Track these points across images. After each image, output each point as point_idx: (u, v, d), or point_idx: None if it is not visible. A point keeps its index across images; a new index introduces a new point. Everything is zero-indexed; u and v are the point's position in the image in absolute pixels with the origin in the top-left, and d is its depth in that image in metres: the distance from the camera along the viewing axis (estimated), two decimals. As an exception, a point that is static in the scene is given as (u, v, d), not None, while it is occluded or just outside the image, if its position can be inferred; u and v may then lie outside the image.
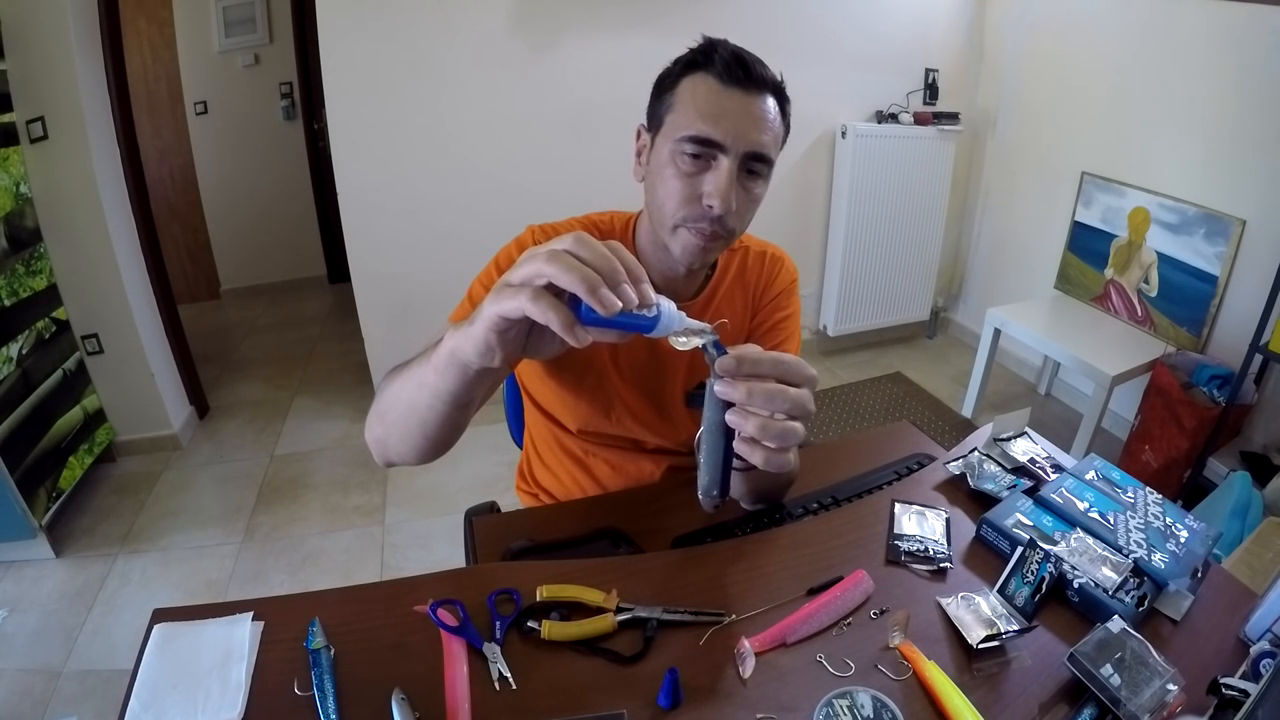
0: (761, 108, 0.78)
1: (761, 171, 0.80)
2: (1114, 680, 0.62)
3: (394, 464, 0.78)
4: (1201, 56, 2.16)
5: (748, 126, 0.76)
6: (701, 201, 0.77)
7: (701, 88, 0.77)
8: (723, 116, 0.76)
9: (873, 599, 0.74)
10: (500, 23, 2.26)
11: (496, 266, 0.89)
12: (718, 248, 0.83)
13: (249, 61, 3.43)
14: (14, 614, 1.78)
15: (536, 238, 0.90)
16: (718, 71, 0.77)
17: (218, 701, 0.62)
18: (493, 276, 0.87)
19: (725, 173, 0.76)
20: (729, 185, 0.76)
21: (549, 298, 0.51)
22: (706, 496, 0.64)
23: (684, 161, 0.78)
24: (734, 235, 0.83)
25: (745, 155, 0.77)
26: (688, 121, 0.77)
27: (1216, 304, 2.19)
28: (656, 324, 0.55)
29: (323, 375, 3.01)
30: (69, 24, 1.91)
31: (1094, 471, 0.91)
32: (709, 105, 0.76)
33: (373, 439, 0.77)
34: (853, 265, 2.95)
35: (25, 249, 1.95)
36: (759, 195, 0.82)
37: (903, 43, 2.80)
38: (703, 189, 0.77)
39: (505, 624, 0.69)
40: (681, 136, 0.77)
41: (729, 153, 0.76)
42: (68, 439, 2.07)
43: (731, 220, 0.79)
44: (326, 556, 2.02)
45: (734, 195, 0.77)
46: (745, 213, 0.81)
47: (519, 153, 2.43)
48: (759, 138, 0.77)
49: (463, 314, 0.85)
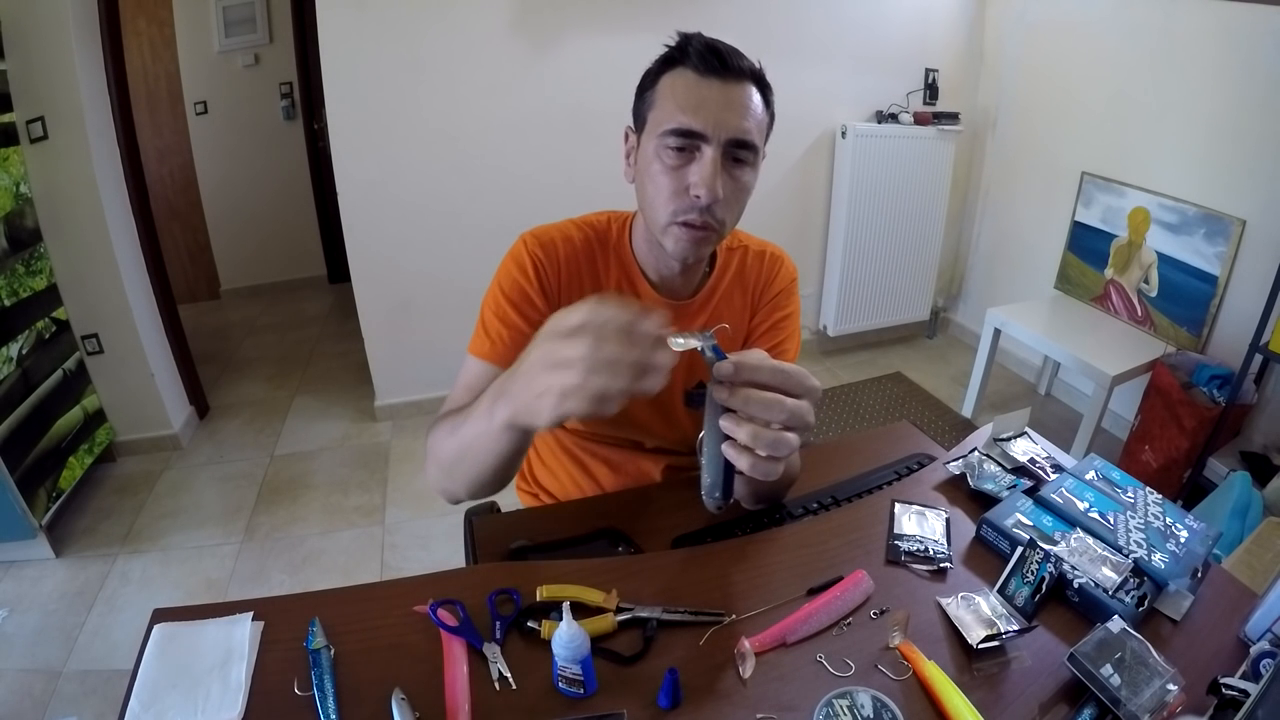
0: (741, 95, 0.78)
1: (747, 159, 0.80)
2: (1114, 680, 0.62)
3: (463, 501, 0.82)
4: (1201, 56, 2.16)
5: (728, 114, 0.77)
6: (689, 193, 0.78)
7: (680, 81, 0.78)
8: (701, 106, 0.76)
9: (873, 599, 0.74)
10: (500, 22, 2.26)
11: (501, 290, 0.89)
12: (710, 240, 0.83)
13: (249, 61, 3.43)
14: (14, 614, 1.78)
15: (530, 249, 0.90)
16: (694, 64, 0.77)
17: (218, 701, 0.62)
18: (499, 302, 0.88)
19: (709, 161, 0.76)
20: (714, 173, 0.76)
21: (610, 399, 0.53)
22: (709, 498, 0.64)
23: (668, 155, 0.78)
24: (725, 226, 0.83)
25: (728, 142, 0.77)
26: (668, 115, 0.78)
27: (1216, 304, 2.19)
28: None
29: (323, 375, 3.01)
30: (69, 24, 1.91)
31: (1094, 471, 0.91)
32: (688, 97, 0.77)
33: (440, 489, 0.81)
34: (853, 265, 2.95)
35: (25, 249, 1.95)
36: (747, 184, 0.82)
37: (903, 43, 2.80)
38: (689, 180, 0.78)
39: (505, 624, 0.70)
40: (664, 130, 0.78)
41: (711, 141, 0.77)
42: (68, 439, 2.07)
43: (721, 210, 0.80)
44: (326, 556, 2.02)
45: (720, 184, 0.77)
46: (734, 203, 0.82)
47: (519, 152, 2.43)
48: (740, 124, 0.77)
49: (481, 347, 0.87)
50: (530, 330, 0.85)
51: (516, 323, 0.86)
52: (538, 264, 0.89)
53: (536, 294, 0.88)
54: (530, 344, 0.58)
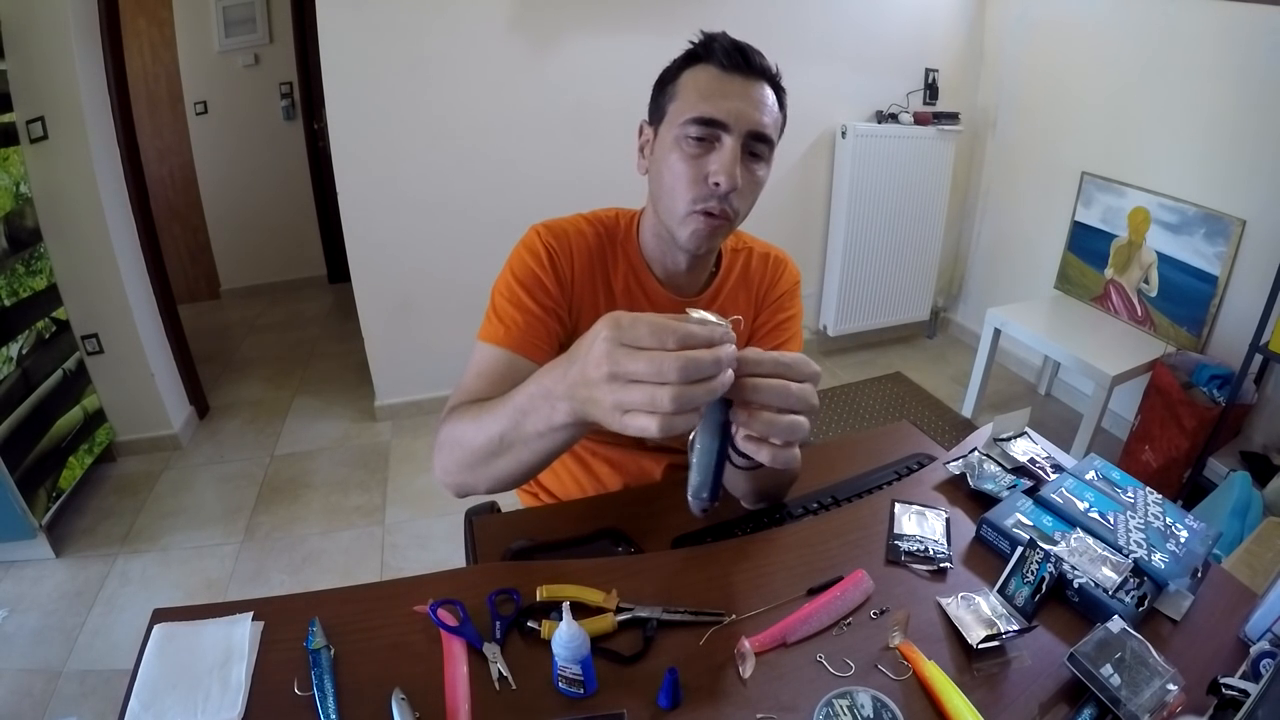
0: (760, 93, 0.81)
1: (763, 153, 0.83)
2: (1114, 680, 0.62)
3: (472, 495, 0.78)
4: (1201, 56, 2.16)
5: (749, 108, 0.79)
6: (708, 181, 0.79)
7: (703, 75, 0.81)
8: (725, 98, 0.79)
9: (873, 599, 0.74)
10: (500, 22, 2.26)
11: (514, 275, 0.89)
12: (724, 230, 0.85)
13: (249, 61, 3.43)
14: (14, 614, 1.78)
15: (544, 238, 0.91)
16: (718, 60, 0.80)
17: (218, 702, 0.62)
18: (511, 287, 0.88)
19: (730, 150, 0.78)
20: (734, 161, 0.78)
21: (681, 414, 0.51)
22: (696, 499, 0.62)
23: (689, 144, 0.80)
24: (739, 217, 0.85)
25: (747, 135, 0.79)
26: (691, 105, 0.80)
27: (1216, 304, 2.19)
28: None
29: (323, 375, 3.01)
30: (69, 24, 1.91)
31: (1094, 471, 0.91)
32: (711, 89, 0.80)
33: (452, 483, 0.77)
34: (853, 265, 2.95)
35: (25, 249, 1.95)
36: (761, 178, 0.84)
37: (903, 43, 2.80)
38: (709, 168, 0.79)
39: (505, 624, 0.69)
40: (686, 119, 0.79)
41: (732, 131, 0.79)
42: (68, 439, 2.07)
43: (736, 201, 0.81)
44: (326, 556, 2.02)
45: (739, 173, 0.79)
46: (749, 194, 0.83)
47: (519, 152, 2.43)
48: (759, 118, 0.80)
49: (494, 332, 0.85)
50: (544, 314, 0.86)
51: (530, 306, 0.86)
52: (551, 251, 0.90)
53: (550, 279, 0.89)
54: (590, 337, 0.54)
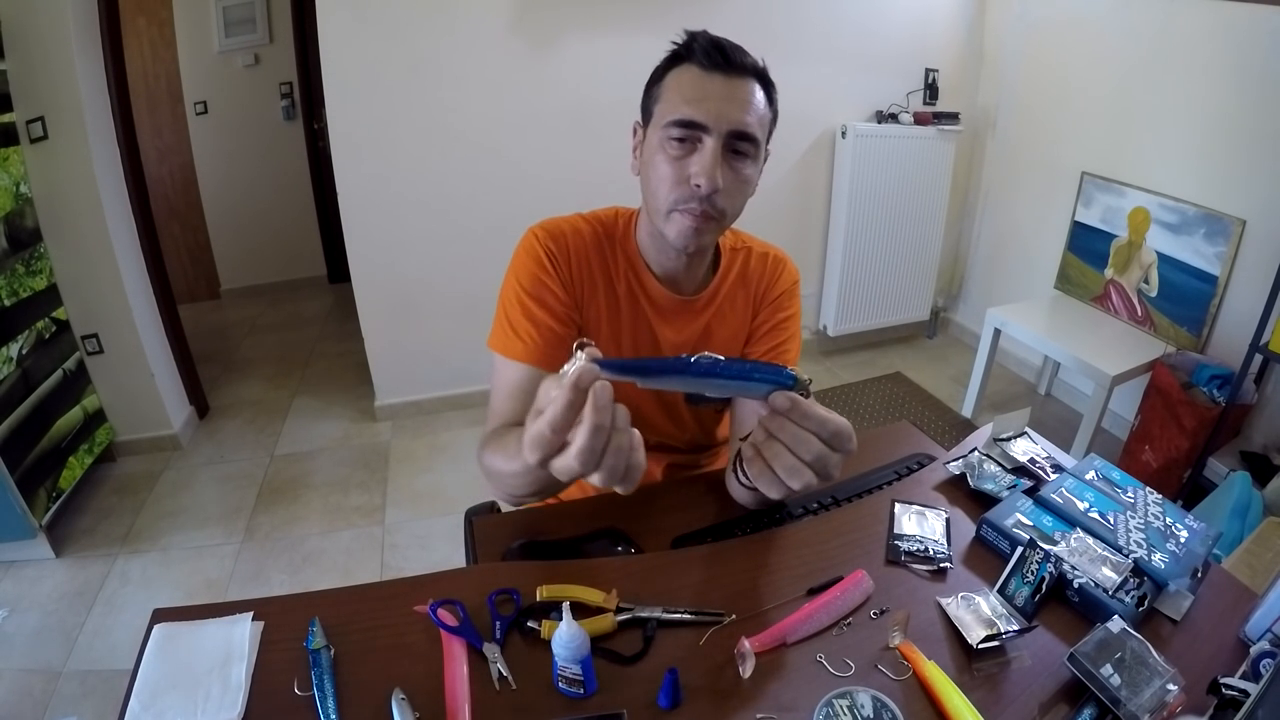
0: (744, 90, 0.81)
1: (748, 152, 0.82)
2: (1114, 680, 0.62)
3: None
4: (1201, 56, 2.16)
5: (730, 107, 0.79)
6: (690, 182, 0.80)
7: (685, 76, 0.81)
8: (704, 99, 0.79)
9: (873, 599, 0.74)
10: (500, 22, 2.26)
11: (522, 287, 0.90)
12: (710, 229, 0.84)
13: (249, 61, 3.42)
14: (14, 614, 1.78)
15: (542, 241, 0.91)
16: (699, 60, 0.80)
17: (218, 702, 0.62)
18: (521, 298, 0.89)
19: (710, 152, 0.79)
20: (714, 163, 0.79)
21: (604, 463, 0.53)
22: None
23: (671, 146, 0.81)
24: (725, 216, 0.84)
25: (729, 134, 0.80)
26: (673, 108, 0.80)
27: (1216, 304, 2.19)
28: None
29: (323, 375, 3.01)
30: (69, 24, 1.90)
31: (1094, 471, 0.91)
32: (692, 91, 0.80)
33: (513, 504, 0.89)
34: (853, 265, 2.94)
35: (25, 249, 1.95)
36: (748, 177, 0.84)
37: (903, 43, 2.80)
38: (690, 170, 0.80)
39: (505, 624, 0.70)
40: (668, 122, 0.80)
41: (712, 133, 0.79)
42: (68, 439, 2.07)
43: (721, 200, 0.82)
44: (326, 556, 2.02)
45: (720, 174, 0.79)
46: (736, 194, 0.83)
47: (519, 152, 2.42)
48: (741, 117, 0.80)
49: (514, 348, 0.88)
50: (557, 324, 0.88)
51: (544, 320, 0.88)
52: (551, 255, 0.91)
53: (555, 283, 0.90)
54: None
